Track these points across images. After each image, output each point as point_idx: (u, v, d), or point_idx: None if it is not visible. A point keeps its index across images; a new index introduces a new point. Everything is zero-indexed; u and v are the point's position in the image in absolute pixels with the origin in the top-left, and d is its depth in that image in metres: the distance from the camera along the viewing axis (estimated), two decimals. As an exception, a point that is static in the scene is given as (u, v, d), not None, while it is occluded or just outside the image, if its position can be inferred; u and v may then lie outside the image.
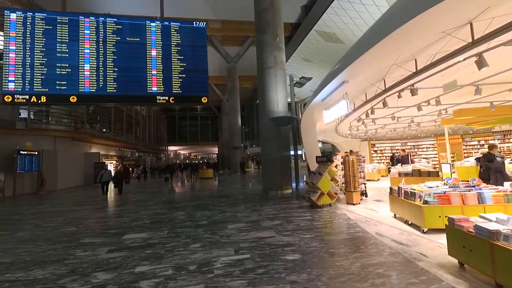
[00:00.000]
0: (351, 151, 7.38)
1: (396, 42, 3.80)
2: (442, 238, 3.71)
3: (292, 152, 10.07)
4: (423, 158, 15.06)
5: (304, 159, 32.15)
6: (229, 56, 23.18)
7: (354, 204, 6.78)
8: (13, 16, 7.90)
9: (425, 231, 4.24)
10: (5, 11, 7.80)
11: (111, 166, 20.06)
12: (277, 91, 9.56)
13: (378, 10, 12.46)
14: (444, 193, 4.35)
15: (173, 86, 8.76)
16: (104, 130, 19.49)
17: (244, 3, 16.04)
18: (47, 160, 13.44)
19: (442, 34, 3.59)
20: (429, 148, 16.42)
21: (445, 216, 3.47)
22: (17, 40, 7.87)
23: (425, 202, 4.30)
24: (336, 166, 9.37)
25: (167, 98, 8.67)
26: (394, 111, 7.98)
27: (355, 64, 4.59)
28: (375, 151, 17.43)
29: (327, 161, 7.16)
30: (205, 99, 8.72)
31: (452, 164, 8.58)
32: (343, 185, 8.42)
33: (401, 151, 9.62)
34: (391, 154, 15.13)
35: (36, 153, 12.82)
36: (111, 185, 11.43)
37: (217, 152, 47.65)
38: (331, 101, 7.27)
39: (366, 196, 7.72)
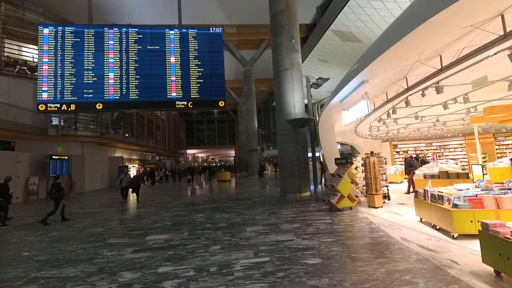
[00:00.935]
0: (372, 152, 7.14)
1: (420, 38, 3.64)
2: (475, 245, 3.48)
3: (310, 154, 9.92)
4: (451, 159, 14.23)
5: (322, 161, 31.56)
6: (244, 59, 23.41)
7: (376, 208, 6.54)
8: (46, 30, 8.49)
9: (455, 236, 3.99)
10: (39, 26, 8.42)
11: (133, 170, 20.91)
12: (293, 93, 9.50)
13: (397, 6, 12.03)
14: (476, 196, 4.08)
15: (191, 91, 8.94)
16: (127, 135, 20.37)
17: (259, 7, 16.19)
18: (75, 164, 14.27)
19: (469, 28, 3.40)
20: (457, 148, 15.49)
21: (478, 221, 3.25)
22: (49, 53, 8.44)
23: (455, 205, 4.05)
24: (356, 168, 9.12)
25: (185, 103, 8.87)
26: (418, 110, 7.64)
27: (376, 63, 4.45)
28: (397, 152, 16.73)
29: (347, 163, 6.98)
30: (222, 103, 8.83)
31: (483, 165, 8.03)
32: (364, 187, 8.17)
33: (405, 152, 8.97)
34: (404, 157, 14.26)
35: (66, 157, 13.66)
36: (130, 190, 11.14)
37: (234, 155, 48.11)
38: (350, 102, 7.10)
39: (389, 199, 7.42)
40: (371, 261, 3.34)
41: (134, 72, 8.69)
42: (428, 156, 14.30)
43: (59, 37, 8.50)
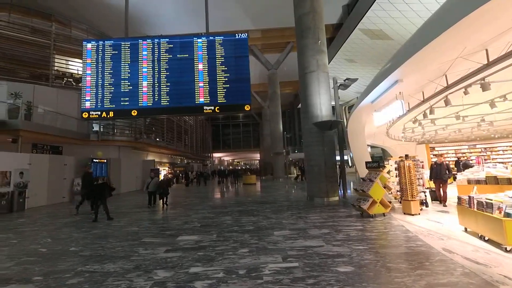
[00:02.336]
0: (406, 155, 6.70)
1: (463, 32, 3.34)
2: (534, 260, 3.08)
3: (338, 158, 9.61)
4: (499, 162, 12.82)
5: (350, 164, 30.34)
6: (269, 63, 23.54)
7: (412, 215, 6.11)
8: (89, 45, 9.33)
9: (508, 249, 3.58)
10: (84, 41, 9.29)
11: (163, 172, 21.93)
12: (320, 94, 9.32)
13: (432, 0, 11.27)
14: (533, 204, 3.62)
15: (218, 96, 9.18)
16: (158, 139, 21.48)
17: (284, 10, 16.21)
18: (113, 167, 15.36)
19: (521, 17, 3.06)
20: (506, 150, 13.93)
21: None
22: (91, 65, 9.25)
23: (508, 215, 3.64)
24: (388, 172, 8.63)
25: (213, 107, 9.13)
26: (459, 110, 7.02)
27: (411, 61, 4.18)
28: (435, 155, 15.50)
29: (379, 166, 6.63)
30: (248, 106, 8.94)
31: (540, 170, 7.11)
32: (398, 193, 7.69)
33: (439, 156, 7.80)
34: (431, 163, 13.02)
35: (105, 161, 14.79)
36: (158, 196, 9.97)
37: (259, 158, 48.28)
38: (382, 102, 6.77)
39: (427, 206, 6.89)
40: (409, 272, 3.12)
41: (165, 80, 9.17)
42: (471, 160, 13.05)
43: (100, 50, 9.29)
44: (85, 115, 8.92)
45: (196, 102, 8.97)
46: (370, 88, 6.37)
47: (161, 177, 15.79)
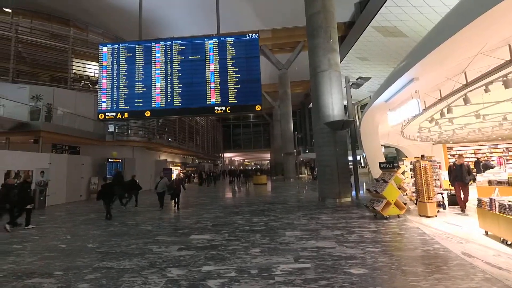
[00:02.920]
0: (422, 155, 6.50)
1: (485, 27, 3.18)
2: None
3: (350, 158, 9.44)
4: (522, 163, 12.19)
5: (363, 165, 29.74)
6: (280, 63, 23.45)
7: (429, 217, 5.92)
8: (104, 49, 9.62)
9: (534, 255, 3.40)
10: (100, 45, 9.59)
11: (176, 172, 22.29)
12: (331, 94, 9.19)
13: (450, -6, 10.87)
14: (562, 208, 3.42)
15: (229, 97, 9.23)
16: (170, 139, 21.88)
17: (294, 9, 16.12)
18: (127, 166, 15.78)
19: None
20: (530, 151, 13.22)
21: None
22: (107, 68, 9.53)
23: (533, 218, 3.45)
24: (403, 173, 8.40)
25: (224, 108, 9.18)
26: (479, 108, 6.73)
27: (429, 58, 4.03)
28: (453, 155, 14.94)
29: (393, 167, 6.46)
30: (259, 107, 8.94)
31: None
32: (413, 194, 7.47)
33: (459, 156, 6.85)
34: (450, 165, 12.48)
35: (120, 160, 15.22)
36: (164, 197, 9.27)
37: (269, 158, 48.20)
38: (397, 101, 6.59)
39: (445, 208, 6.66)
40: (426, 276, 3.02)
41: (177, 81, 9.32)
42: (492, 160, 12.49)
43: (115, 53, 9.55)
44: (101, 116, 9.20)
45: (208, 102, 9.05)
46: (384, 86, 6.21)
47: (174, 176, 16.06)
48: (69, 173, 11.88)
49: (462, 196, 6.53)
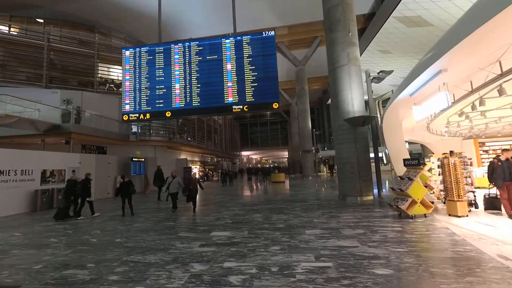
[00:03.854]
0: (451, 151, 6.13)
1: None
2: None
3: (372, 155, 9.13)
4: None
5: (385, 162, 28.61)
6: (296, 59, 23.15)
7: (459, 217, 5.58)
8: (127, 53, 10.03)
9: None
10: (123, 49, 10.03)
11: (195, 170, 22.83)
12: (351, 89, 8.93)
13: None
14: None
15: (246, 95, 9.26)
16: (190, 139, 22.44)
17: (311, 3, 15.80)
18: (150, 165, 16.41)
19: None
20: None
21: None
22: (130, 71, 9.93)
23: None
24: (429, 170, 7.99)
25: (241, 106, 9.23)
26: (516, 100, 6.21)
27: (459, 47, 3.74)
28: (486, 151, 13.93)
29: (418, 164, 6.16)
30: (276, 104, 8.89)
31: None
32: (441, 193, 7.08)
33: (505, 151, 5.56)
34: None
35: (143, 159, 15.86)
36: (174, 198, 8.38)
37: (287, 156, 47.91)
38: (423, 95, 6.25)
39: (477, 208, 6.24)
40: (457, 278, 2.86)
41: (196, 81, 9.50)
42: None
43: (136, 57, 9.93)
44: (125, 117, 9.62)
45: (225, 101, 9.15)
46: (409, 80, 5.90)
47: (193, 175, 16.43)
48: (97, 172, 12.58)
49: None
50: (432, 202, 6.10)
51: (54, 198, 9.89)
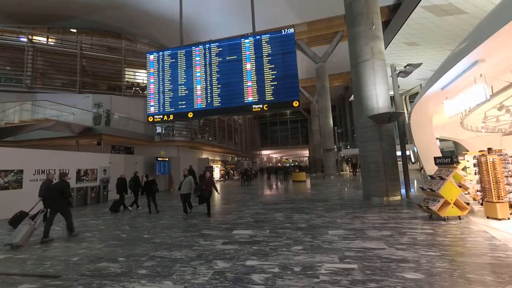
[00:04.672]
0: (489, 149, 5.65)
1: None
2: None
3: (399, 153, 8.69)
4: None
5: (413, 160, 27.16)
6: (316, 56, 22.67)
7: (499, 219, 5.14)
8: (151, 57, 10.45)
9: None
10: (147, 54, 10.47)
11: (217, 169, 23.25)
12: (375, 85, 8.56)
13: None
14: None
15: (266, 94, 9.24)
16: (211, 139, 22.91)
17: (331, -2, 15.38)
18: (173, 165, 17.02)
19: None
20: None
21: None
22: (154, 74, 10.34)
23: None
24: (464, 169, 7.44)
25: (261, 106, 9.23)
26: None
27: (498, 35, 3.39)
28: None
29: (451, 162, 5.76)
30: (296, 103, 8.77)
31: None
32: (478, 193, 6.57)
33: None
34: None
35: (167, 159, 16.48)
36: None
37: (308, 155, 47.19)
38: (456, 88, 5.82)
39: (520, 210, 5.68)
40: (497, 286, 2.64)
41: (216, 82, 9.66)
42: None
43: (160, 60, 10.31)
44: (150, 119, 10.04)
45: (245, 101, 9.20)
46: (440, 72, 5.50)
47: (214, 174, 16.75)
48: (126, 171, 13.28)
49: None
50: (468, 204, 5.67)
51: (87, 195, 10.61)
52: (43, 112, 11.84)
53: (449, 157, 5.87)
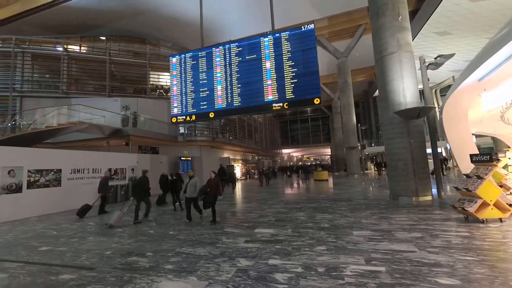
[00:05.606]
0: (536, 145, 5.11)
1: None
2: None
3: (429, 150, 8.18)
4: None
5: (446, 158, 25.46)
6: (338, 51, 22.01)
7: (548, 223, 4.64)
8: (173, 59, 10.80)
9: None
10: (170, 57, 10.83)
11: (237, 168, 23.49)
12: (402, 78, 8.11)
13: None
14: None
15: (286, 92, 9.15)
16: (231, 138, 23.20)
17: (353, -10, 14.82)
18: (196, 164, 17.48)
19: None
20: None
21: None
22: (176, 76, 10.67)
23: None
24: (505, 167, 6.82)
25: (281, 104, 9.16)
26: None
27: None
28: None
29: (490, 160, 5.29)
30: (317, 100, 8.58)
31: None
32: (523, 193, 5.98)
33: None
34: None
35: (190, 158, 16.97)
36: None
37: (329, 154, 46.07)
38: (495, 80, 5.35)
39: None
40: (549, 297, 2.38)
41: (236, 82, 9.74)
42: None
43: (182, 62, 10.62)
44: (173, 120, 10.38)
45: (265, 100, 9.18)
46: (477, 62, 5.06)
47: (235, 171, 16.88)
48: (152, 170, 13.89)
49: None
50: (510, 205, 5.18)
51: (118, 193, 11.25)
52: (78, 116, 12.74)
53: (488, 154, 5.40)
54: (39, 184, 8.60)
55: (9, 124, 12.62)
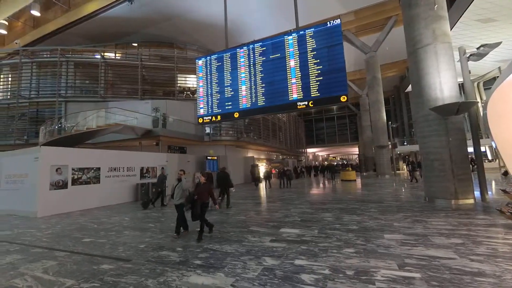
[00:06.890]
0: None
1: None
2: None
3: (470, 149, 7.49)
4: None
5: (490, 158, 23.21)
6: (366, 46, 21.05)
7: None
8: (200, 62, 11.14)
9: None
10: (196, 59, 11.19)
11: (262, 168, 23.55)
12: (439, 72, 7.53)
13: None
14: None
15: (311, 90, 8.98)
16: (256, 137, 23.32)
17: (382, -19, 14.06)
18: (222, 163, 17.87)
19: None
20: None
21: None
22: (202, 78, 10.99)
23: None
24: None
25: (306, 103, 9.01)
26: None
27: None
28: None
29: (546, 160, 4.70)
30: (344, 97, 8.30)
31: None
32: None
33: None
34: None
35: (216, 158, 17.40)
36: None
37: (357, 153, 44.31)
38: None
39: None
40: None
41: (260, 81, 9.78)
42: None
43: (208, 64, 10.91)
44: (200, 120, 10.71)
45: (290, 99, 9.09)
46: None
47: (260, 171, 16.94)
48: (180, 169, 14.51)
49: None
50: None
51: (149, 190, 11.91)
52: (114, 118, 13.72)
53: (543, 153, 4.80)
54: (81, 181, 9.43)
55: (56, 127, 13.99)
